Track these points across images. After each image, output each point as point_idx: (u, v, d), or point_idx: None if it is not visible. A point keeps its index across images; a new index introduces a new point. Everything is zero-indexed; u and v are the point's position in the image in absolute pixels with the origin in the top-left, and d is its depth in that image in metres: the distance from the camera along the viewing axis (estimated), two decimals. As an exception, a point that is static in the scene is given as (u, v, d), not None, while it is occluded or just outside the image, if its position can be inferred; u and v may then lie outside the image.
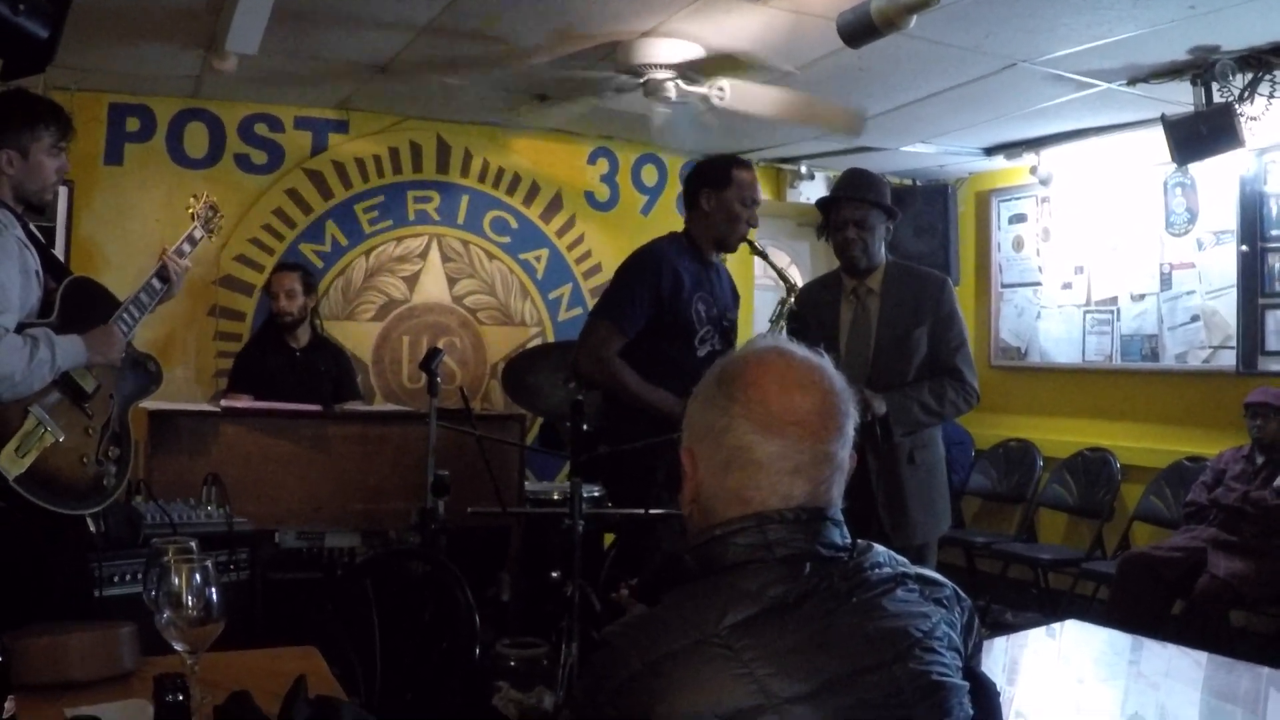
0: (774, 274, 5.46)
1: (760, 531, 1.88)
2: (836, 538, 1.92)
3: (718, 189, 5.21)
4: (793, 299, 5.30)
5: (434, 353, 5.30)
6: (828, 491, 1.95)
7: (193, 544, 2.56)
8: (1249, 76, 6.26)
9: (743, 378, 1.96)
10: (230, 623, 2.45)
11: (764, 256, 5.54)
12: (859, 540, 1.97)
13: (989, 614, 8.30)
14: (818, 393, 1.96)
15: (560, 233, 8.82)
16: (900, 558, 2.01)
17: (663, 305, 5.09)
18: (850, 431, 2.00)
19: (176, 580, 2.36)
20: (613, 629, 1.86)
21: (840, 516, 1.97)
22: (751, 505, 1.91)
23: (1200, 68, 6.27)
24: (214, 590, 2.39)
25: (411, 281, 8.34)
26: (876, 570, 1.92)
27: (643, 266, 5.21)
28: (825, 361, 2.03)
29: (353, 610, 4.84)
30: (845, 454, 1.99)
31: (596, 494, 5.64)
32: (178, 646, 2.38)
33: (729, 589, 1.82)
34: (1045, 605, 8.16)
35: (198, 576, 2.38)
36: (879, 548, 1.98)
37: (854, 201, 5.21)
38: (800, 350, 2.03)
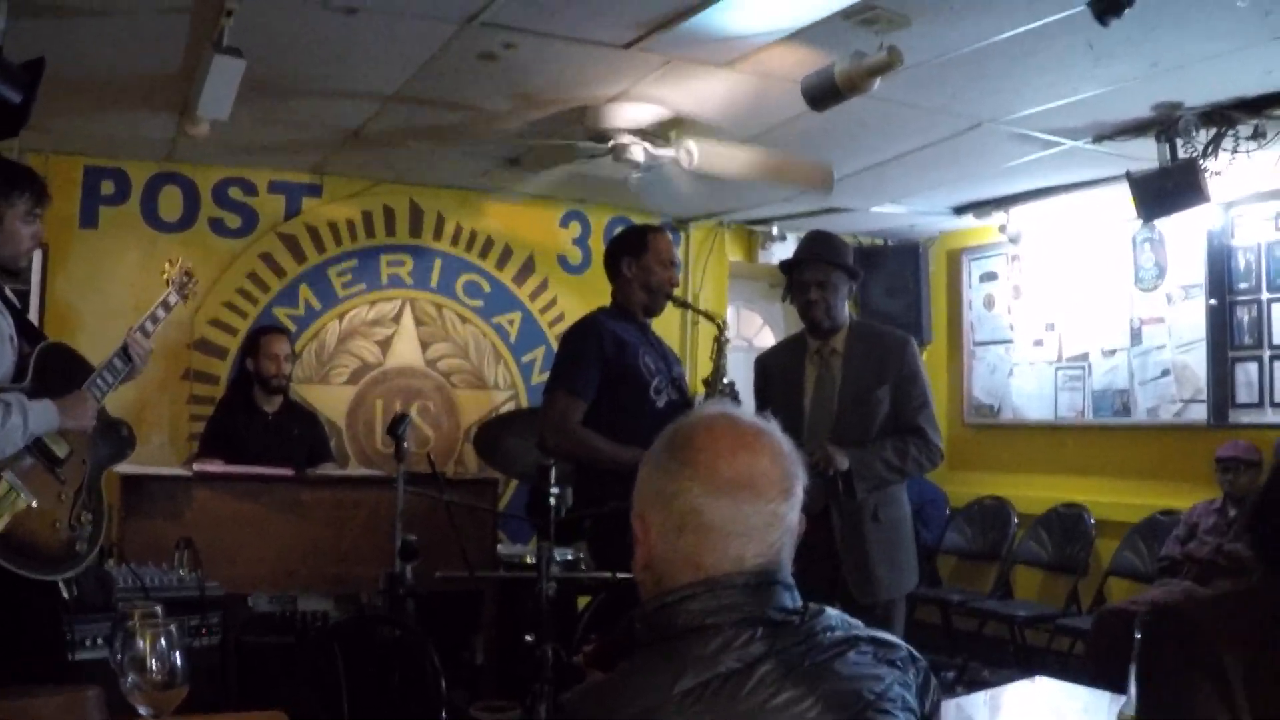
0: (703, 317, 5.89)
1: (712, 597, 1.87)
2: (788, 601, 1.92)
3: (637, 255, 5.46)
4: (725, 335, 5.57)
5: (400, 418, 5.32)
6: (778, 554, 1.95)
7: (158, 608, 2.56)
8: (1212, 132, 6.31)
9: (691, 443, 1.97)
10: (202, 687, 2.46)
11: (688, 306, 6.11)
12: (810, 604, 1.96)
13: (966, 672, 8.29)
14: (765, 455, 1.96)
15: (533, 296, 8.86)
16: (854, 620, 2.00)
17: (610, 365, 5.23)
18: (799, 493, 1.99)
19: (141, 644, 2.37)
20: (569, 697, 1.87)
21: (791, 580, 1.97)
22: (703, 570, 1.90)
23: (1164, 124, 6.32)
24: (179, 655, 2.39)
25: (385, 345, 8.36)
26: (828, 633, 1.91)
27: (582, 333, 5.41)
28: (772, 425, 2.04)
29: (321, 675, 4.83)
30: (794, 516, 1.99)
31: (570, 557, 5.64)
32: (142, 710, 2.38)
33: (681, 655, 1.81)
34: (1022, 662, 8.15)
35: (163, 641, 2.38)
36: (831, 610, 1.97)
37: (816, 263, 5.31)
38: (747, 415, 2.04)
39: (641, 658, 1.88)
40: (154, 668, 2.36)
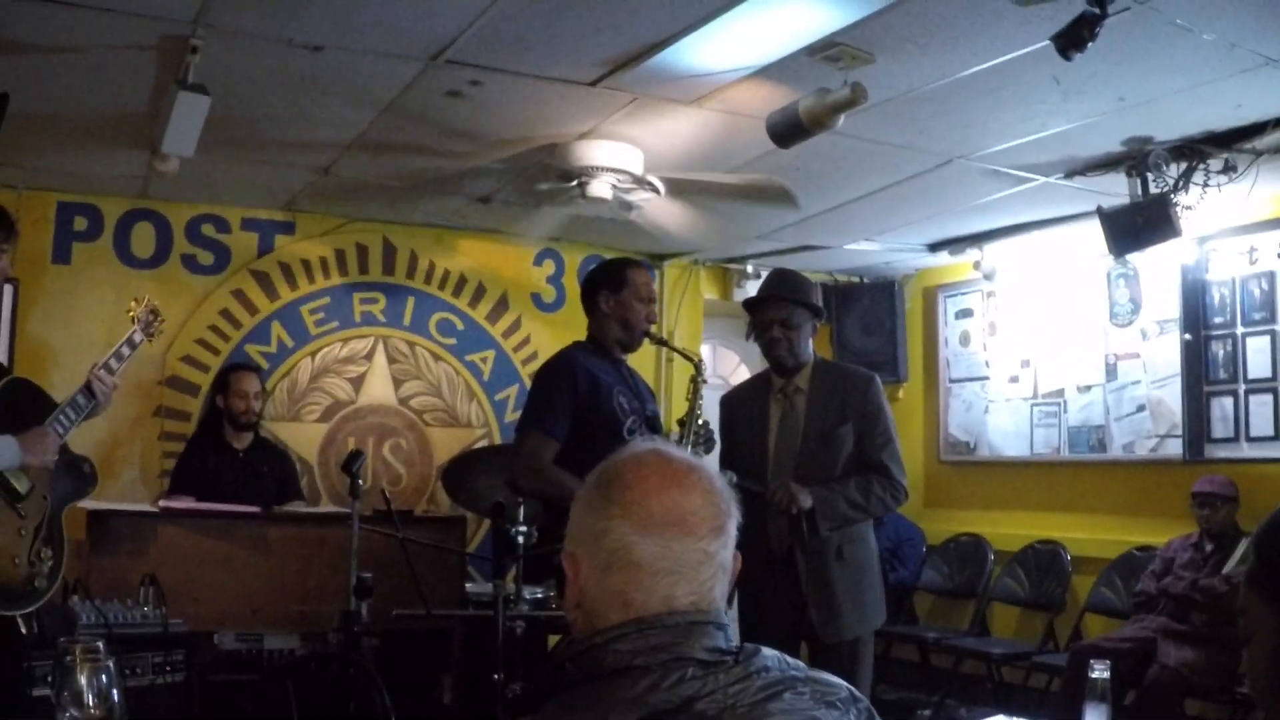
0: (679, 355, 5.92)
1: (641, 637, 1.84)
2: (720, 641, 1.88)
3: (615, 291, 5.37)
4: (701, 375, 5.47)
5: (355, 455, 5.27)
6: (710, 593, 1.92)
7: (99, 644, 2.53)
8: (1183, 166, 6.33)
9: (621, 479, 1.95)
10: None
11: (665, 344, 5.95)
12: (746, 644, 1.92)
13: (943, 709, 8.27)
14: (696, 493, 1.93)
15: (506, 334, 8.86)
16: (793, 661, 1.95)
17: (583, 404, 5.16)
18: (732, 532, 1.96)
19: (79, 679, 2.34)
20: None
21: (725, 619, 1.93)
22: (633, 609, 1.87)
23: (1135, 159, 6.34)
24: (116, 691, 2.37)
25: (357, 383, 8.35)
26: (763, 674, 1.86)
27: (556, 372, 5.32)
28: (704, 462, 2.01)
29: (277, 713, 4.80)
30: (727, 554, 1.96)
31: (539, 595, 5.63)
32: (79, 746, 2.36)
33: (608, 696, 1.78)
34: (999, 699, 8.12)
35: (102, 677, 2.36)
36: (768, 651, 1.92)
37: (778, 301, 5.33)
38: (679, 451, 2.02)
39: (569, 698, 1.83)
40: (91, 703, 2.34)
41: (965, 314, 9.65)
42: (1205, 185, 6.37)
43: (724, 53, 4.97)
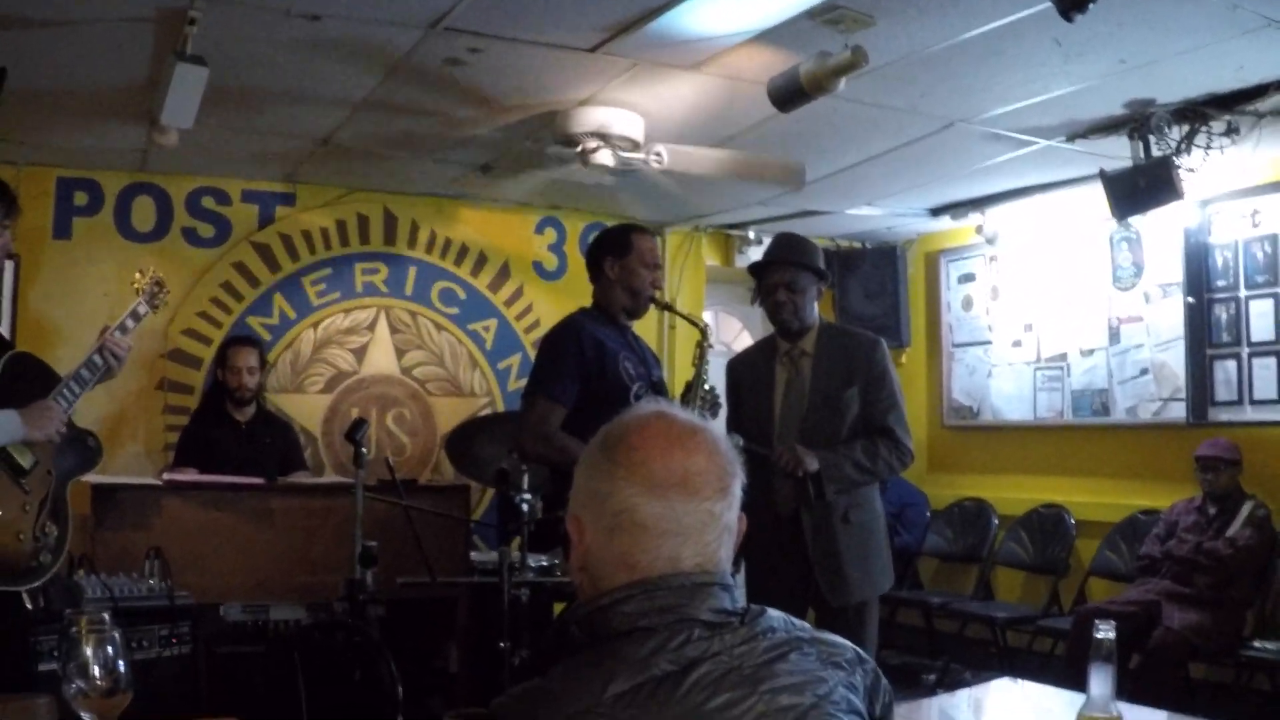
0: (686, 321, 5.88)
1: (647, 598, 1.84)
2: (726, 603, 1.88)
3: (620, 256, 5.34)
4: (708, 340, 5.46)
5: (359, 423, 5.26)
6: (715, 554, 1.92)
7: (105, 615, 2.53)
8: (1185, 129, 6.30)
9: (625, 441, 1.94)
10: (173, 696, 2.43)
11: (671, 309, 5.91)
12: (752, 605, 1.92)
13: (948, 674, 8.28)
14: (701, 454, 1.92)
15: (508, 302, 8.85)
16: (799, 622, 1.95)
17: (590, 369, 5.14)
18: (737, 493, 1.96)
19: (85, 650, 2.34)
20: (500, 700, 1.83)
21: (730, 580, 1.92)
22: (638, 570, 1.87)
23: (1137, 122, 6.31)
24: (123, 662, 2.36)
25: (360, 353, 8.35)
26: (769, 635, 1.87)
27: (562, 337, 5.30)
28: (709, 424, 2.00)
29: (283, 682, 4.80)
30: (732, 516, 1.95)
31: (545, 563, 5.64)
32: (86, 717, 2.35)
33: (614, 658, 1.78)
34: (1004, 663, 8.12)
35: (108, 648, 2.36)
36: (773, 612, 1.93)
37: (783, 265, 5.31)
38: (682, 413, 2.00)
39: (575, 661, 1.83)
40: (97, 674, 2.34)
41: (967, 278, 9.64)
42: (1207, 148, 6.34)
43: (724, 16, 4.94)
